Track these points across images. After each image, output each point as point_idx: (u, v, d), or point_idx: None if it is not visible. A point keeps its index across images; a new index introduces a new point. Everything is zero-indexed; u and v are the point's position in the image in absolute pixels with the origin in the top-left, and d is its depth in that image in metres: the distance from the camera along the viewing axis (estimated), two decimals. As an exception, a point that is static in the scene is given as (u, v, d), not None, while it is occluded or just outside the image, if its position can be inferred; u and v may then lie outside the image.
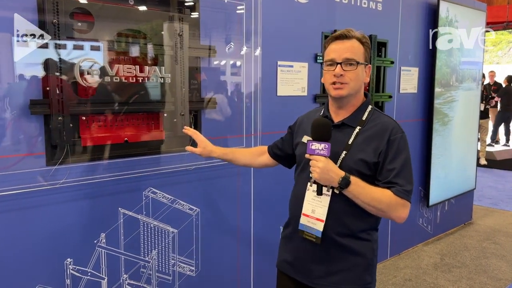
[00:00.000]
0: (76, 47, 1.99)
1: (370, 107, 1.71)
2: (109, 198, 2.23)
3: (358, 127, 1.65)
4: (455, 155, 4.75)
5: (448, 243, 4.58)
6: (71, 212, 2.10)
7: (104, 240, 2.22)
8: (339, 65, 1.60)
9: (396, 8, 3.83)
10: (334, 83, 1.62)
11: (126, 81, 2.16)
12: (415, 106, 4.22)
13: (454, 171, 4.77)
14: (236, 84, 2.73)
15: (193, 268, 2.63)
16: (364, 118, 1.67)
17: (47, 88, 1.93)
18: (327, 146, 1.54)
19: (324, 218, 1.61)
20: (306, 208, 1.66)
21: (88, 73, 2.02)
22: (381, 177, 1.60)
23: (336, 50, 1.62)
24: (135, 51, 2.20)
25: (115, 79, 2.11)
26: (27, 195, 1.95)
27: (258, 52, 2.78)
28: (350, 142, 1.63)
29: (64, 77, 1.96)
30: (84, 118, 2.10)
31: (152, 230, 2.42)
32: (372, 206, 1.57)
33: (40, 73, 1.92)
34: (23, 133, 1.92)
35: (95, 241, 2.20)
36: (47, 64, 1.92)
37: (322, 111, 1.76)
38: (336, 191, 1.60)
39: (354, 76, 1.61)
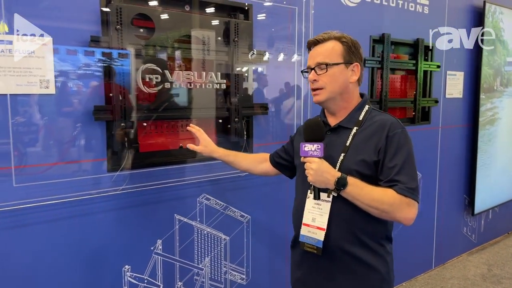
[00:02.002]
0: (138, 53, 1.98)
1: (367, 106, 1.61)
2: (165, 204, 2.22)
3: (355, 128, 1.56)
4: (500, 162, 4.59)
5: (493, 253, 4.42)
6: (129, 218, 2.09)
7: (161, 247, 2.21)
8: (312, 71, 1.55)
9: (442, 11, 3.74)
10: (312, 89, 1.57)
11: (184, 87, 2.15)
12: (460, 111, 4.11)
13: (499, 179, 4.61)
14: (287, 89, 2.70)
15: (244, 276, 2.59)
16: (360, 118, 1.58)
17: (110, 95, 1.93)
18: (319, 147, 1.46)
19: (325, 226, 1.50)
20: (307, 217, 1.56)
21: (150, 80, 2.01)
22: (382, 176, 1.49)
23: (311, 56, 1.58)
24: (192, 57, 2.19)
25: (175, 85, 2.10)
26: (88, 202, 1.95)
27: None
28: (347, 143, 1.53)
29: (126, 84, 1.95)
30: (143, 124, 2.09)
31: (205, 237, 2.39)
32: (374, 207, 1.44)
33: (103, 79, 1.93)
34: (86, 139, 1.92)
35: (151, 248, 2.19)
36: (110, 71, 1.92)
37: (319, 118, 1.68)
38: (334, 194, 1.50)
39: (328, 79, 1.53)
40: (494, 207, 4.62)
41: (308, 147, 1.48)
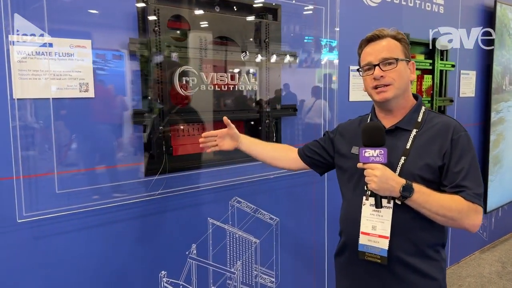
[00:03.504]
0: (174, 56, 1.95)
1: (423, 108, 1.54)
2: (199, 208, 2.19)
3: (415, 130, 1.47)
4: (509, 159, 4.63)
5: (505, 251, 4.45)
6: (165, 223, 2.06)
7: (195, 251, 2.18)
8: (377, 67, 1.45)
9: (456, 10, 3.75)
10: (376, 87, 1.47)
11: (219, 89, 2.12)
12: (472, 110, 4.13)
13: (509, 176, 4.64)
14: (314, 91, 2.68)
15: (274, 280, 2.57)
16: (419, 119, 1.50)
17: (148, 98, 1.89)
18: (382, 152, 1.38)
19: (388, 234, 1.42)
20: (365, 225, 1.46)
21: (186, 82, 1.98)
22: (447, 181, 1.41)
23: (371, 52, 1.49)
24: (227, 58, 2.16)
25: (209, 87, 2.07)
26: (126, 207, 1.92)
27: (336, 58, 2.73)
28: (408, 146, 1.45)
29: (163, 86, 1.92)
30: (176, 127, 2.06)
31: (237, 241, 2.37)
32: (441, 215, 1.36)
33: (140, 82, 1.89)
34: (124, 143, 1.89)
35: (186, 252, 2.15)
36: (148, 73, 1.89)
37: (369, 119, 1.60)
38: (398, 202, 1.40)
39: (396, 75, 1.45)
40: (503, 205, 4.65)
41: (369, 152, 1.39)
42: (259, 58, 2.27)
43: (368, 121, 1.58)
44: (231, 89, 2.18)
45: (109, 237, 1.88)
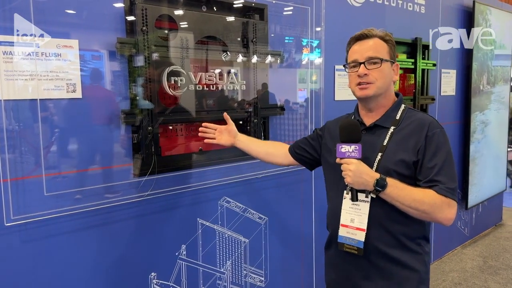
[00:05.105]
0: (162, 55, 1.94)
1: (403, 106, 1.59)
2: (189, 208, 2.18)
3: (393, 127, 1.53)
4: (488, 156, 4.74)
5: (485, 245, 4.56)
6: (154, 224, 2.04)
7: (185, 252, 2.17)
8: (362, 65, 1.50)
9: (436, 10, 3.83)
10: (359, 83, 1.52)
11: (207, 89, 2.12)
12: (454, 108, 4.21)
13: (488, 173, 4.76)
14: (300, 90, 2.70)
15: (263, 279, 2.58)
16: (398, 117, 1.56)
17: (136, 98, 1.88)
18: (357, 148, 1.44)
19: (365, 227, 1.48)
20: (344, 218, 1.53)
21: (175, 82, 1.97)
22: (421, 176, 1.46)
23: (358, 50, 1.53)
24: (214, 58, 2.16)
25: (198, 87, 2.07)
26: (115, 208, 1.90)
27: (321, 58, 2.75)
28: (385, 143, 1.51)
29: (152, 86, 1.91)
30: (167, 127, 2.05)
31: (227, 240, 2.36)
32: (414, 208, 1.42)
33: (128, 82, 1.87)
34: (113, 144, 1.87)
35: (176, 253, 2.14)
36: (135, 73, 1.87)
37: (353, 116, 1.66)
38: (373, 195, 1.47)
39: (379, 75, 1.50)
40: (484, 201, 4.76)
41: (345, 148, 1.45)
42: (246, 57, 2.28)
43: (353, 118, 1.64)
44: (219, 88, 2.17)
45: (98, 239, 1.86)
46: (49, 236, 1.71)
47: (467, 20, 4.20)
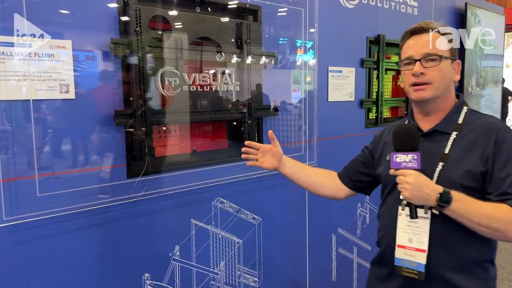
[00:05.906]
0: (156, 56, 1.94)
1: (465, 108, 1.42)
2: (182, 209, 2.17)
3: (455, 133, 1.36)
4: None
5: None
6: (148, 225, 2.04)
7: (178, 253, 2.17)
8: (418, 62, 1.34)
9: (429, 12, 3.86)
10: (414, 84, 1.36)
11: (201, 90, 2.12)
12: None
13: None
14: (294, 91, 2.71)
15: (257, 279, 2.58)
16: (460, 121, 1.38)
17: (130, 98, 1.87)
18: (415, 157, 1.26)
19: (426, 248, 1.31)
20: (401, 237, 1.35)
21: (168, 83, 1.97)
22: (491, 189, 1.28)
23: (414, 46, 1.38)
24: (208, 59, 2.16)
25: (192, 88, 2.07)
26: (108, 209, 1.89)
27: (315, 60, 2.76)
28: (446, 151, 1.34)
29: (145, 87, 1.90)
30: (158, 128, 2.05)
31: (220, 241, 2.37)
32: (484, 226, 1.23)
33: (122, 83, 1.87)
34: (106, 145, 1.86)
35: (170, 254, 2.14)
36: (129, 74, 1.87)
37: (407, 121, 1.50)
38: (436, 212, 1.30)
39: (437, 74, 1.34)
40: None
41: (401, 157, 1.28)
42: (240, 58, 2.28)
43: (407, 122, 1.49)
44: (213, 89, 2.18)
45: (92, 240, 1.85)
46: (42, 237, 1.70)
47: (459, 21, 4.24)
